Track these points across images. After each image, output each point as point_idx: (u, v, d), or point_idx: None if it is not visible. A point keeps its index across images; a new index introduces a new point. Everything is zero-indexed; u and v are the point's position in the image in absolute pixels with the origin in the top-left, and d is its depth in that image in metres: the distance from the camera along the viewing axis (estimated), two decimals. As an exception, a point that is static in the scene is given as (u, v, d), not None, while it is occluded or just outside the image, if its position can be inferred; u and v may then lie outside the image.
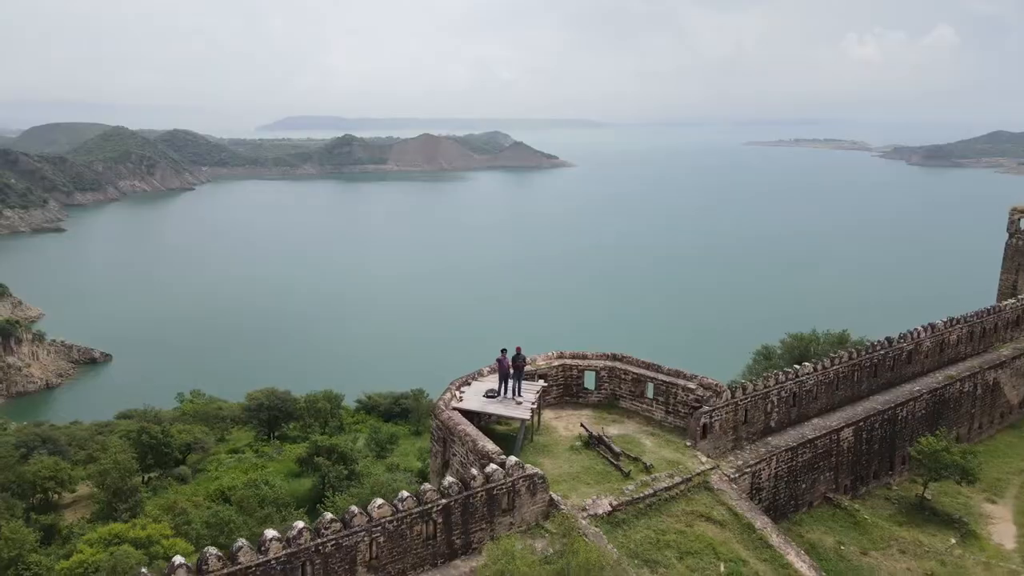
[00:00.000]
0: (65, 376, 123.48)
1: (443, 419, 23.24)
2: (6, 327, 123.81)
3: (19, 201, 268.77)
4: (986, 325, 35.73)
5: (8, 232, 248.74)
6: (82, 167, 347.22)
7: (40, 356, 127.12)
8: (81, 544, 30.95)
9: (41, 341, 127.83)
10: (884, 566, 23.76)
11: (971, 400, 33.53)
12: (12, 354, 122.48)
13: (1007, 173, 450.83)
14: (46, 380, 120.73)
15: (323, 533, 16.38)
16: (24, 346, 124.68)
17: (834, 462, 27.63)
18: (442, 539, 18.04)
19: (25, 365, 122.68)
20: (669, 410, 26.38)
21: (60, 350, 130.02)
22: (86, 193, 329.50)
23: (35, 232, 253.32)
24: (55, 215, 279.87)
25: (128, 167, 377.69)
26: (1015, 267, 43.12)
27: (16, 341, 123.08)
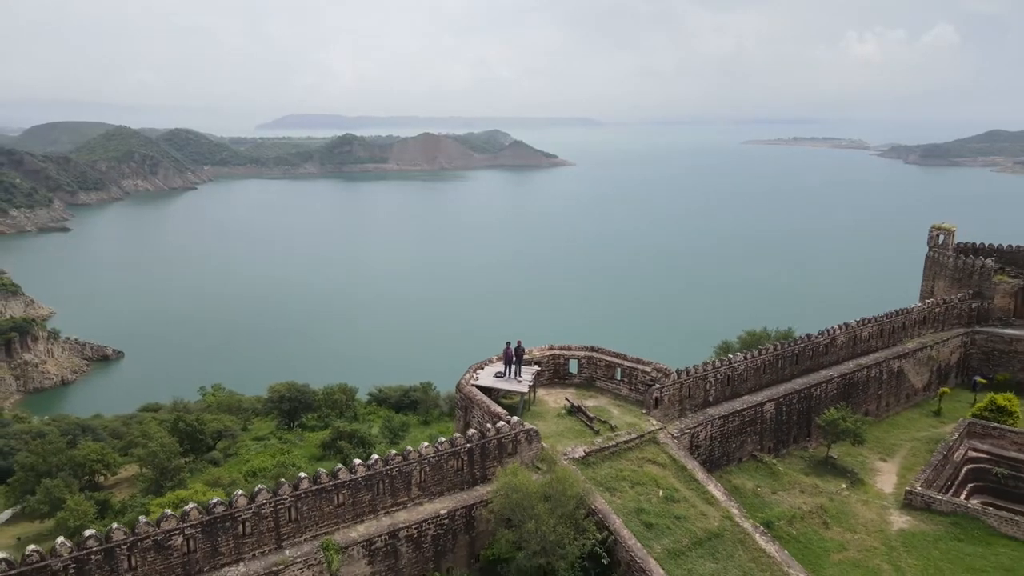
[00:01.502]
0: (79, 373, 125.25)
1: (465, 392, 30.35)
2: (23, 325, 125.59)
3: (25, 201, 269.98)
4: (895, 324, 40.34)
5: (15, 231, 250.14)
6: (85, 167, 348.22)
7: (55, 353, 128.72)
8: (151, 505, 34.10)
9: (56, 339, 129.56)
10: (787, 500, 29.25)
11: (878, 384, 38.37)
12: (29, 351, 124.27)
13: (1003, 172, 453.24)
14: (61, 377, 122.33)
15: (390, 462, 22.96)
16: (40, 344, 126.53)
17: (759, 428, 32.96)
18: (467, 471, 24.70)
19: (41, 362, 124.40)
20: (632, 388, 32.08)
21: (74, 347, 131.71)
22: (90, 192, 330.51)
23: (41, 231, 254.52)
24: (60, 214, 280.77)
25: (131, 166, 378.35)
26: (932, 275, 47.22)
27: (32, 339, 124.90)
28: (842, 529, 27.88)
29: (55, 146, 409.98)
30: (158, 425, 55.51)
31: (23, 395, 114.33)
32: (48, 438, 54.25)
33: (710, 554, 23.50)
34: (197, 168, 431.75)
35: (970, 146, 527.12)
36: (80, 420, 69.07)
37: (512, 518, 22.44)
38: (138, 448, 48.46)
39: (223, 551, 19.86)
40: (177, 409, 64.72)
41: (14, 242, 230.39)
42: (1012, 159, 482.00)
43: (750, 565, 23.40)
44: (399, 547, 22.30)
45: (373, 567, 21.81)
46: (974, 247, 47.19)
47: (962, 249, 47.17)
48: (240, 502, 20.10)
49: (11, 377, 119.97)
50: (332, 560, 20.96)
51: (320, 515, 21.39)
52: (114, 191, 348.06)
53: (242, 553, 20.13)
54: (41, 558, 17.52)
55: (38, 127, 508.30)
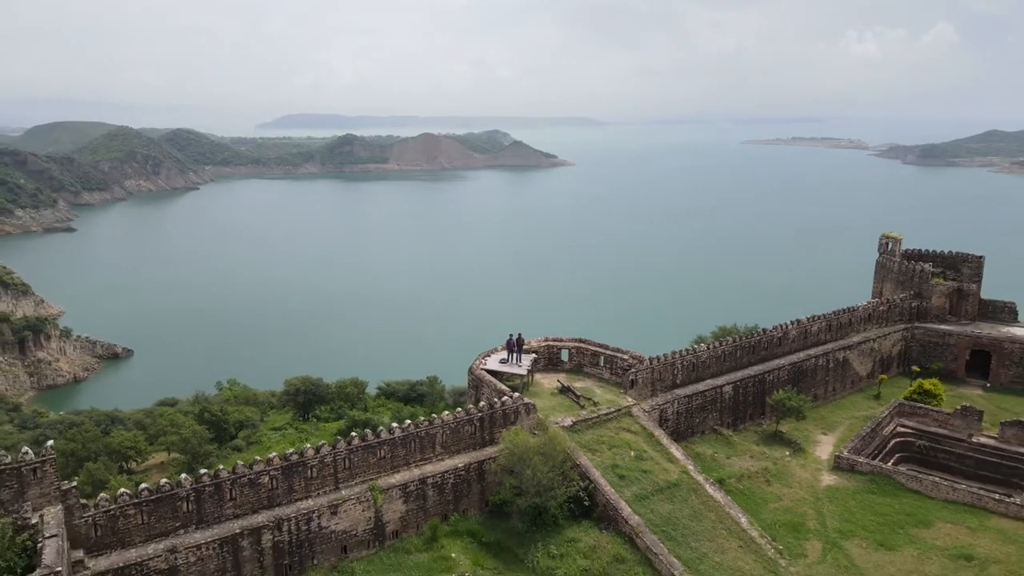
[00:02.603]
0: (91, 370, 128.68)
1: (476, 374, 37.20)
2: (36, 324, 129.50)
3: (30, 201, 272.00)
4: (842, 320, 46.79)
5: (20, 232, 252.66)
6: (89, 167, 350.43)
7: (67, 351, 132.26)
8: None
9: (68, 337, 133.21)
10: (738, 464, 35.87)
11: (825, 371, 44.92)
12: (42, 349, 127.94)
13: (999, 172, 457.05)
14: (73, 374, 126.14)
15: (419, 426, 29.71)
16: (53, 342, 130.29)
17: (719, 407, 39.47)
18: (479, 435, 31.29)
19: (54, 360, 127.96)
20: (612, 372, 38.22)
21: (85, 346, 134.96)
22: (93, 193, 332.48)
23: (46, 232, 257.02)
24: (65, 215, 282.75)
25: (133, 167, 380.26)
26: (881, 278, 53.45)
27: (45, 337, 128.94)
28: (781, 485, 34.41)
29: (57, 146, 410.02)
30: (183, 416, 59.48)
31: (37, 392, 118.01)
32: (84, 427, 58.22)
33: (668, 498, 30.02)
34: (199, 168, 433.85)
35: (968, 146, 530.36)
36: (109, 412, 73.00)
37: (514, 469, 28.90)
38: (169, 436, 52.12)
39: (296, 489, 26.31)
40: (199, 402, 68.11)
41: (20, 242, 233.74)
42: (1009, 159, 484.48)
43: (699, 507, 29.93)
44: (426, 491, 28.77)
45: (407, 505, 28.29)
46: (919, 253, 53.61)
47: (908, 255, 53.58)
48: (309, 453, 26.58)
49: (25, 374, 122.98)
50: (377, 499, 27.43)
51: (367, 465, 27.88)
52: (117, 191, 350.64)
53: (310, 491, 26.58)
54: (171, 488, 23.97)
55: (39, 127, 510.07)
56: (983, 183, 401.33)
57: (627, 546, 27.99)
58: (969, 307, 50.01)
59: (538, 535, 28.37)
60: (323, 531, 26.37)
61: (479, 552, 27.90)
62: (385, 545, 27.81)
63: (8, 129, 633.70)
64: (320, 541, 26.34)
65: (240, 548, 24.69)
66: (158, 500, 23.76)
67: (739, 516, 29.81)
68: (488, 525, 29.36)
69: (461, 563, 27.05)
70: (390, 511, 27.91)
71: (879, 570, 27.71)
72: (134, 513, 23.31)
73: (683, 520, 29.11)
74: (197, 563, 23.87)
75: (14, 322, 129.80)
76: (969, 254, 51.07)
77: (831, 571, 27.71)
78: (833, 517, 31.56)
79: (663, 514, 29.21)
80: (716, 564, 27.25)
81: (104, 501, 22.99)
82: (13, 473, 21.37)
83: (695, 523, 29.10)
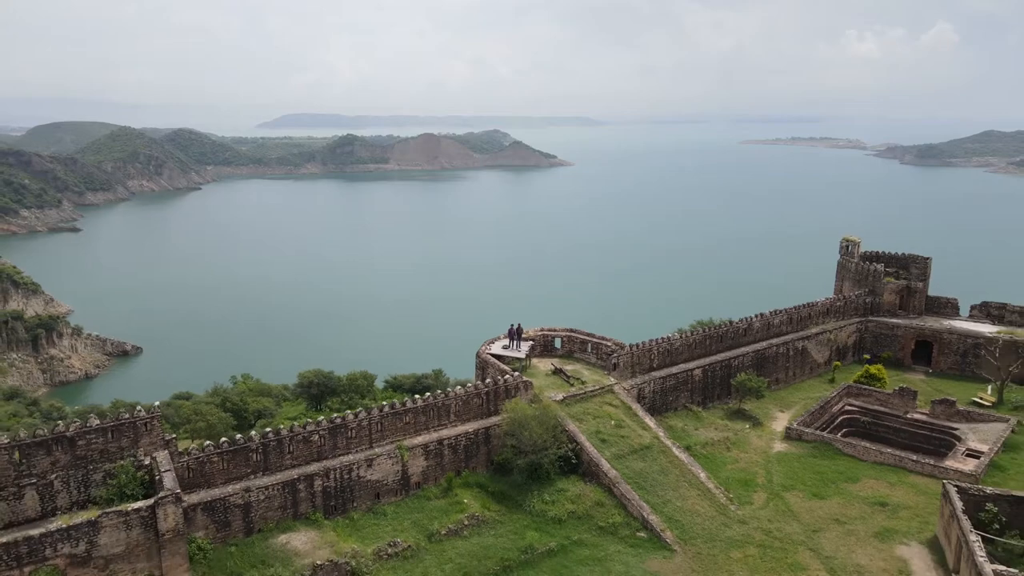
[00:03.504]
0: (101, 367, 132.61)
1: (483, 357, 43.93)
2: (48, 322, 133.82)
3: (35, 201, 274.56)
4: (802, 314, 53.29)
5: (26, 232, 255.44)
6: (92, 167, 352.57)
7: (78, 349, 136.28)
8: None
9: (79, 335, 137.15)
10: (704, 434, 42.14)
11: (786, 358, 51.35)
12: (54, 347, 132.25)
13: (996, 172, 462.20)
14: (85, 371, 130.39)
15: (437, 397, 36.17)
16: (64, 339, 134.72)
17: (690, 387, 45.79)
18: (485, 406, 37.58)
19: (66, 357, 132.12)
20: (598, 357, 44.68)
21: (95, 343, 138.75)
22: (97, 193, 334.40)
23: (52, 232, 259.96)
24: (69, 215, 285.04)
25: (136, 167, 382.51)
26: (842, 277, 59.87)
27: (57, 335, 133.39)
28: (739, 451, 40.84)
29: (58, 146, 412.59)
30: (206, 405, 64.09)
31: (50, 388, 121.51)
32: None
33: (641, 458, 36.47)
34: (201, 168, 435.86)
35: (965, 146, 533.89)
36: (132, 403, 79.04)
37: (514, 433, 35.29)
38: (195, 422, 55.87)
39: (340, 446, 32.73)
40: (219, 393, 72.07)
41: (26, 242, 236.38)
42: (1005, 159, 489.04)
43: (667, 465, 36.40)
44: (443, 450, 35.18)
45: (427, 462, 34.70)
46: (875, 254, 60.02)
47: (866, 256, 60.00)
48: (349, 417, 33.00)
49: (39, 371, 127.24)
50: (403, 455, 33.85)
51: (395, 428, 34.29)
52: (120, 192, 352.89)
53: (350, 448, 33.00)
54: (245, 442, 30.38)
55: (41, 127, 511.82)
56: (978, 183, 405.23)
57: (606, 494, 34.45)
58: (916, 303, 56.44)
59: (534, 486, 34.80)
60: (361, 480, 32.81)
61: (486, 499, 34.32)
62: (410, 493, 34.25)
63: (8, 128, 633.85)
64: (358, 488, 32.79)
65: (297, 490, 31.12)
66: (235, 451, 30.17)
67: (699, 472, 36.27)
68: (493, 479, 35.78)
69: (472, 507, 33.48)
70: (414, 466, 34.33)
71: (809, 513, 34.15)
72: (217, 460, 29.73)
73: (652, 474, 35.56)
74: (265, 500, 30.29)
75: (27, 320, 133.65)
76: (918, 256, 57.47)
77: (771, 514, 34.15)
78: (778, 475, 38.00)
79: (636, 470, 35.64)
80: (677, 508, 33.71)
81: (195, 450, 29.41)
82: (130, 426, 27.77)
83: (662, 477, 35.56)
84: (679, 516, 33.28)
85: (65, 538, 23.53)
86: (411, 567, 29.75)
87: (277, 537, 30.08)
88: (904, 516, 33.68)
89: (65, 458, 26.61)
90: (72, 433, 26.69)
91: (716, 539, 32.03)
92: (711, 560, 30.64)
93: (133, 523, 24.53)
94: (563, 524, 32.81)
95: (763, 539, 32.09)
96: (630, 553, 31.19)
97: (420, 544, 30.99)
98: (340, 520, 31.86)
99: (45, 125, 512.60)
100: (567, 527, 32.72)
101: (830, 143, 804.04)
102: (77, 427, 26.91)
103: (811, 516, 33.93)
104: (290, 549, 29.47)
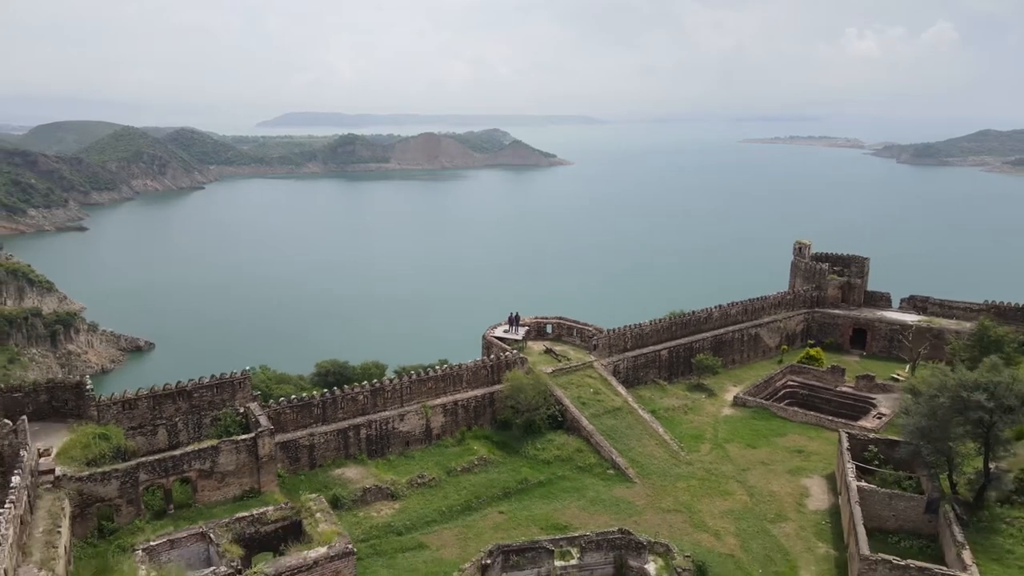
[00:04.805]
0: (116, 362, 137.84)
1: (487, 338, 54.12)
2: (66, 319, 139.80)
3: (42, 201, 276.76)
4: (756, 305, 62.96)
5: (34, 231, 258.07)
6: (97, 167, 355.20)
7: (94, 344, 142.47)
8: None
9: (94, 331, 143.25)
10: (667, 402, 51.89)
11: (741, 343, 61.16)
12: (71, 342, 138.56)
13: (991, 172, 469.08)
14: (101, 365, 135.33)
15: (452, 368, 46.00)
16: (81, 335, 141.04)
17: (657, 365, 55.51)
18: (490, 376, 47.30)
19: (83, 352, 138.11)
20: (582, 340, 54.44)
21: (110, 339, 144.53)
22: (102, 193, 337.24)
23: (59, 231, 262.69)
24: (76, 214, 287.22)
25: (140, 167, 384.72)
26: (794, 275, 69.22)
27: (75, 331, 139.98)
28: (694, 415, 50.61)
29: (61, 145, 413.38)
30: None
31: None
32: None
33: (612, 416, 46.27)
34: (203, 168, 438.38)
35: (961, 145, 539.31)
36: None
37: (513, 396, 45.01)
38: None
39: (378, 404, 42.50)
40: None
41: (34, 241, 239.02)
42: (1001, 159, 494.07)
43: (633, 422, 46.22)
44: (457, 410, 44.91)
45: (445, 418, 44.43)
46: (823, 255, 69.73)
47: (815, 256, 69.70)
48: (386, 382, 42.73)
49: (57, 366, 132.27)
50: (427, 412, 43.64)
51: (421, 392, 44.03)
52: (125, 191, 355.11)
53: (386, 406, 42.74)
54: (309, 399, 40.13)
55: (43, 126, 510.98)
56: (974, 183, 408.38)
57: (584, 443, 44.26)
58: (856, 296, 66.20)
59: (528, 437, 44.60)
60: (395, 430, 42.62)
61: (491, 447, 44.12)
62: (432, 442, 44.05)
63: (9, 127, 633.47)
64: (393, 437, 42.60)
65: (348, 437, 40.93)
66: (302, 406, 39.96)
67: (659, 428, 46.09)
68: (497, 432, 45.59)
69: (480, 452, 43.27)
70: (435, 421, 44.12)
71: (742, 458, 43.95)
72: (289, 412, 39.51)
73: (621, 429, 45.38)
74: (324, 443, 40.08)
75: (45, 317, 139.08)
76: (857, 256, 67.23)
77: (712, 458, 43.96)
78: (723, 431, 47.82)
79: (608, 425, 45.44)
80: (639, 453, 43.52)
81: (273, 403, 39.16)
82: (229, 383, 37.57)
83: (629, 431, 45.38)
84: (640, 459, 43.08)
85: (197, 457, 33.21)
86: (435, 492, 39.55)
87: (334, 470, 39.93)
88: (814, 459, 43.52)
89: (184, 406, 36.44)
90: (190, 388, 36.50)
91: (667, 475, 41.85)
92: (662, 488, 40.46)
93: (241, 449, 34.24)
94: (550, 464, 42.66)
95: (704, 475, 41.91)
96: (601, 484, 41.00)
97: (441, 477, 40.80)
98: (379, 460, 41.71)
99: (47, 124, 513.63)
100: (553, 466, 42.56)
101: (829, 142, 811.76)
102: (193, 383, 36.70)
103: (743, 460, 43.76)
104: (345, 478, 39.28)
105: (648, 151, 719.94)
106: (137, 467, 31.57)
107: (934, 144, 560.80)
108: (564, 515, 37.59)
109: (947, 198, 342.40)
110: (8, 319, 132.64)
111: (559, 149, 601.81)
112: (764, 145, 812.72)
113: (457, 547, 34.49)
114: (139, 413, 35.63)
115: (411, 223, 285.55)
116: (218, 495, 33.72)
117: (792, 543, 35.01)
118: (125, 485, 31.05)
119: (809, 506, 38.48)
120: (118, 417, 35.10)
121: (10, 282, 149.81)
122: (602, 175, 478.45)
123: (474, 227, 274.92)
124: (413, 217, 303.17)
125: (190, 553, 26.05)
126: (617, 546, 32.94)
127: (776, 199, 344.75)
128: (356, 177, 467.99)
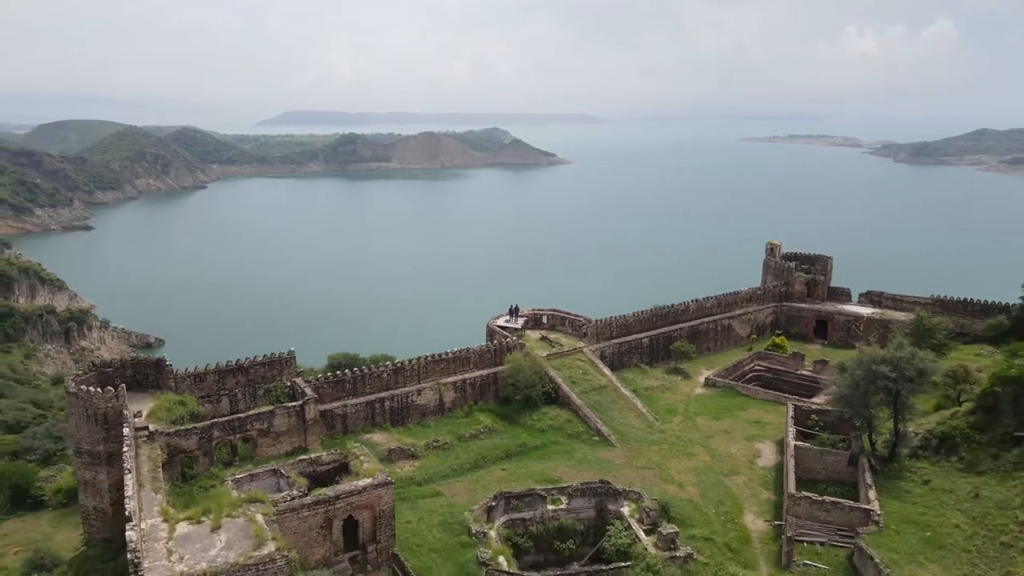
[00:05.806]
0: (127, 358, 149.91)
1: (491, 327, 61.67)
2: (79, 316, 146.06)
3: (48, 200, 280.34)
4: (729, 300, 70.69)
5: (41, 230, 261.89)
6: (100, 167, 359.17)
7: (106, 340, 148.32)
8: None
9: (106, 328, 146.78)
10: (647, 383, 59.37)
11: (715, 333, 68.83)
12: (84, 339, 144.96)
13: (988, 171, 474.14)
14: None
15: (461, 352, 53.60)
16: (94, 332, 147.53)
17: (640, 351, 63.18)
18: (494, 358, 54.80)
19: (96, 348, 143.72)
20: (573, 328, 61.88)
21: (121, 335, 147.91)
22: (106, 192, 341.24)
23: (65, 230, 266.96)
24: (81, 213, 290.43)
25: (144, 166, 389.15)
26: (766, 272, 76.59)
27: (88, 328, 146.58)
28: (670, 394, 58.34)
29: (63, 144, 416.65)
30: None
31: None
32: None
33: (598, 393, 54.03)
34: (206, 167, 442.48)
35: (958, 144, 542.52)
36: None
37: (513, 375, 52.75)
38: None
39: (400, 381, 50.25)
40: None
41: (42, 240, 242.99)
42: (997, 158, 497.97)
43: (616, 398, 54.02)
44: (466, 387, 52.64)
45: (456, 394, 52.18)
46: (792, 255, 77.42)
47: (785, 256, 77.38)
48: (406, 363, 50.44)
49: (71, 361, 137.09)
50: (440, 389, 51.40)
51: (435, 371, 51.75)
52: (129, 191, 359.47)
53: (407, 383, 50.49)
54: (342, 376, 47.87)
55: (46, 125, 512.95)
56: (971, 182, 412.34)
57: (574, 415, 52.04)
58: (820, 292, 73.92)
59: (526, 410, 52.33)
60: (413, 404, 50.36)
61: (495, 418, 51.86)
62: (444, 414, 51.74)
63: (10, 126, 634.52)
64: (412, 409, 50.34)
65: (375, 408, 48.70)
66: (336, 381, 47.72)
67: (638, 403, 53.87)
68: (499, 406, 53.34)
69: (485, 422, 50.99)
70: (447, 396, 51.87)
71: (708, 428, 51.74)
72: (325, 386, 47.25)
73: (605, 403, 53.16)
74: (355, 413, 47.86)
75: (59, 314, 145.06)
76: (822, 255, 74.98)
77: (682, 428, 51.75)
78: (693, 407, 55.61)
79: (595, 400, 53.21)
80: (620, 423, 51.31)
81: (313, 379, 46.91)
82: (279, 361, 45.33)
83: (612, 405, 53.17)
84: (621, 428, 50.85)
85: (257, 420, 40.94)
86: (448, 454, 47.32)
87: (363, 435, 47.67)
88: (768, 429, 51.29)
89: (243, 379, 44.25)
90: (247, 364, 44.28)
91: (643, 440, 49.64)
92: (638, 451, 48.24)
93: (292, 413, 41.99)
94: (545, 432, 50.46)
95: (674, 441, 49.71)
96: (587, 448, 48.77)
97: (453, 442, 48.56)
98: (401, 428, 49.49)
99: (50, 124, 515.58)
100: (547, 434, 50.35)
101: (827, 141, 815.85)
102: (249, 360, 44.48)
103: (708, 429, 51.56)
104: (373, 442, 47.00)
105: (648, 150, 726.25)
106: (211, 426, 39.34)
107: (931, 143, 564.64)
108: (556, 471, 45.32)
109: (942, 198, 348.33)
110: (24, 316, 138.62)
111: (559, 148, 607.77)
112: (763, 144, 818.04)
113: (467, 495, 42.22)
114: (207, 384, 43.38)
115: (412, 222, 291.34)
116: (273, 451, 41.46)
117: (741, 491, 42.81)
118: (202, 440, 38.79)
119: (759, 464, 46.27)
120: (191, 388, 42.85)
121: (22, 280, 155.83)
122: (602, 174, 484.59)
123: (474, 226, 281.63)
124: (414, 216, 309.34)
125: (265, 484, 33.70)
126: (598, 493, 40.88)
127: (775, 199, 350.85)
128: (357, 176, 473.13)
